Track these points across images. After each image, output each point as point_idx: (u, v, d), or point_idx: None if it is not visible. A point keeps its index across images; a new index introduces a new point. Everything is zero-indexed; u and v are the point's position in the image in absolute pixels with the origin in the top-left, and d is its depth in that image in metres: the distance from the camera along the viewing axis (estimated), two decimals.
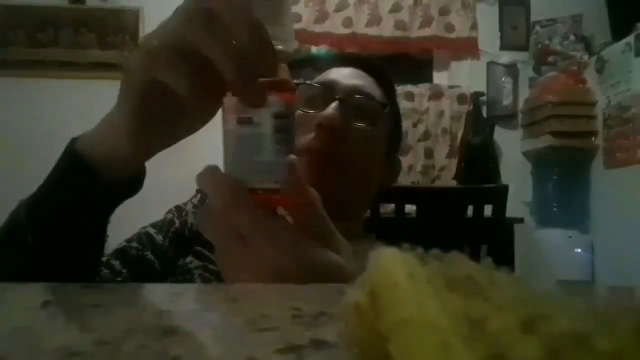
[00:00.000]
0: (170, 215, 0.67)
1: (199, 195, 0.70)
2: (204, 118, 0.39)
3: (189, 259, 0.62)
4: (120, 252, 0.61)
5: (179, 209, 0.69)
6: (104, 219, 0.42)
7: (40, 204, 0.41)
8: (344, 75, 0.69)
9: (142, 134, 0.37)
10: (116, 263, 0.59)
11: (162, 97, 0.35)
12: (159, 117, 0.37)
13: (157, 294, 0.29)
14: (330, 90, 0.66)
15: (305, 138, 0.64)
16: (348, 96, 0.65)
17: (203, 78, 0.33)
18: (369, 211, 0.92)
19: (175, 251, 0.63)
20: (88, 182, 0.39)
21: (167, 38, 0.34)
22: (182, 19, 0.33)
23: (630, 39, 2.12)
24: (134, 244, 0.62)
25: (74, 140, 0.41)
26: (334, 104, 0.63)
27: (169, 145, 0.40)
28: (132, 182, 0.42)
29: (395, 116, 0.76)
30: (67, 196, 0.40)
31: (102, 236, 0.43)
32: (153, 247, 0.62)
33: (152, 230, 0.65)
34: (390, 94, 0.74)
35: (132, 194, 0.42)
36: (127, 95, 0.37)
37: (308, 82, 0.71)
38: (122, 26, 2.51)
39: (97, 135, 0.40)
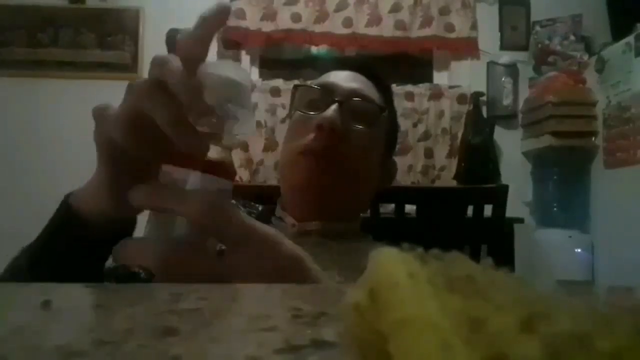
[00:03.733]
0: None
1: None
2: None
3: None
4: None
5: None
6: (100, 261, 0.43)
7: (39, 253, 0.43)
8: (343, 78, 0.69)
9: (118, 194, 0.37)
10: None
11: (129, 158, 0.36)
12: (132, 179, 0.37)
13: (157, 294, 0.29)
14: (329, 92, 0.66)
15: (305, 139, 0.64)
16: (347, 99, 0.65)
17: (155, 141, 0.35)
18: (368, 211, 0.92)
19: None
20: (81, 235, 0.41)
21: (123, 107, 0.36)
22: (136, 91, 0.35)
23: (630, 39, 2.12)
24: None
25: (68, 196, 0.43)
26: (333, 106, 0.63)
27: None
28: (125, 228, 0.43)
29: (392, 119, 0.77)
30: (63, 247, 0.42)
31: (100, 275, 0.43)
32: None
33: None
34: (387, 97, 0.75)
35: (127, 234, 0.43)
36: (98, 158, 0.39)
37: (308, 84, 0.72)
38: (122, 26, 2.51)
39: (85, 192, 0.42)
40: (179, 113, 0.33)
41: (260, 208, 0.75)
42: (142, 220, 0.40)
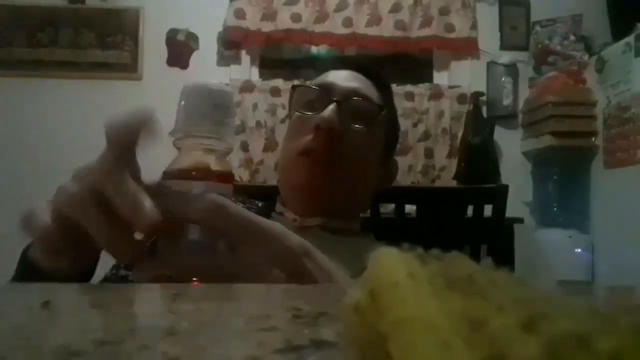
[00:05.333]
0: None
1: None
2: None
3: None
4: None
5: None
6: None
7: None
8: (341, 78, 0.69)
9: (71, 251, 0.36)
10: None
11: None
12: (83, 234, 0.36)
13: (157, 294, 0.29)
14: (328, 92, 0.66)
15: (304, 140, 0.64)
16: (346, 98, 0.65)
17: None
18: (368, 211, 0.92)
19: None
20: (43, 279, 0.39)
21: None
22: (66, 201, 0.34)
23: (630, 39, 2.12)
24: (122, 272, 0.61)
25: (28, 247, 0.41)
26: (331, 106, 0.63)
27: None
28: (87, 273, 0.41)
29: (392, 118, 0.76)
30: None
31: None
32: None
33: None
34: (387, 96, 0.74)
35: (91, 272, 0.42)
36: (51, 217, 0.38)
37: (306, 84, 0.71)
38: (122, 26, 2.51)
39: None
40: (113, 225, 0.32)
41: (259, 204, 0.75)
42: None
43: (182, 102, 0.38)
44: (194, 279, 0.34)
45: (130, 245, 0.33)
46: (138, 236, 0.34)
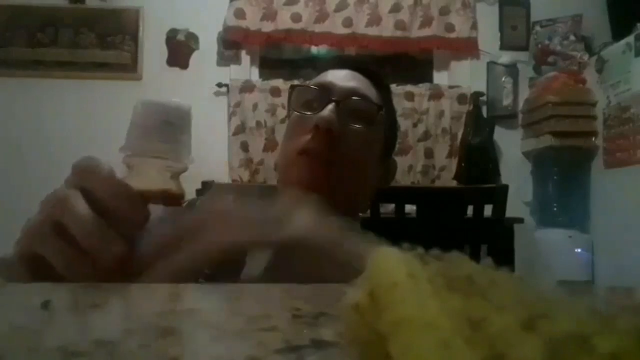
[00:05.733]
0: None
1: (186, 202, 0.70)
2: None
3: None
4: None
5: None
6: None
7: None
8: (340, 78, 0.69)
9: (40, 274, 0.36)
10: None
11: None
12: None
13: (157, 294, 0.29)
14: (326, 92, 0.66)
15: (302, 139, 0.64)
16: (344, 98, 0.65)
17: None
18: (368, 211, 0.92)
19: None
20: None
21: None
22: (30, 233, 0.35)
23: (630, 39, 2.12)
24: None
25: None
26: (330, 106, 0.63)
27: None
28: None
29: (391, 118, 0.76)
30: None
31: None
32: None
33: None
34: (386, 95, 0.74)
35: None
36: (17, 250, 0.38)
37: (305, 84, 0.71)
38: (122, 26, 2.51)
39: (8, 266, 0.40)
40: (74, 256, 0.33)
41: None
42: None
43: (132, 119, 0.37)
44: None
45: (90, 269, 0.34)
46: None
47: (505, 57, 2.59)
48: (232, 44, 2.52)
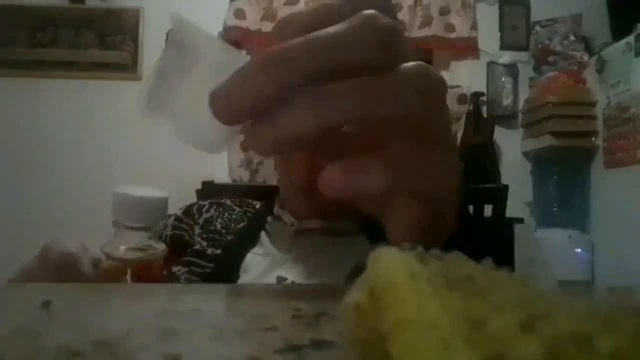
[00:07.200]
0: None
1: (184, 208, 0.70)
2: None
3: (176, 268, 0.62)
4: None
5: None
6: None
7: None
8: None
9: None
10: None
11: None
12: None
13: (157, 294, 0.29)
14: None
15: None
16: None
17: None
18: None
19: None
20: None
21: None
22: None
23: (630, 39, 2.12)
24: None
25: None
26: None
27: None
28: None
29: None
30: None
31: None
32: None
33: None
34: None
35: None
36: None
37: None
38: (122, 26, 2.51)
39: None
40: None
41: (257, 206, 0.75)
42: None
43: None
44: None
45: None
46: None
47: (505, 57, 2.59)
48: (232, 43, 2.52)
